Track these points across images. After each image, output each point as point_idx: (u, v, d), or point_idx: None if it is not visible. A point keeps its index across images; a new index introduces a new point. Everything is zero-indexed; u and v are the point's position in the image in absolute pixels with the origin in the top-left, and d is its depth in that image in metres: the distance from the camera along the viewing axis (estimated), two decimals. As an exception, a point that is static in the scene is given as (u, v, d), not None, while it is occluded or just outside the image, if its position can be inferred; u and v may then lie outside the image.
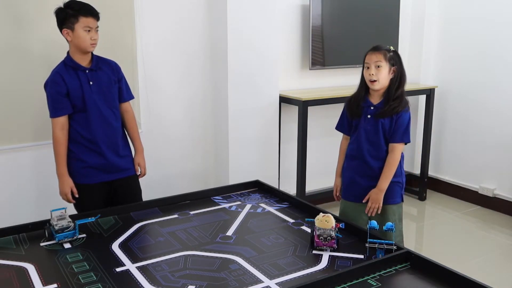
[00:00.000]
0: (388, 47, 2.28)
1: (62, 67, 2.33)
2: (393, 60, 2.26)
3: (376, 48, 2.28)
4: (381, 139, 2.28)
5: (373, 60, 2.24)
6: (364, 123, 2.31)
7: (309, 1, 3.64)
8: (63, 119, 2.33)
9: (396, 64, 2.27)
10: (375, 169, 2.30)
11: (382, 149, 2.29)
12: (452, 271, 1.51)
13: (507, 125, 3.87)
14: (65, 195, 2.38)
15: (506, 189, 3.96)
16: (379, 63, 2.23)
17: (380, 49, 2.26)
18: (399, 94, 2.26)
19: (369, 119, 2.29)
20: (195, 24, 3.35)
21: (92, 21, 2.27)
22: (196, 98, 3.46)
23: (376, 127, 2.27)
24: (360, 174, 2.34)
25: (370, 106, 2.31)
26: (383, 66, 2.23)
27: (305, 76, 3.90)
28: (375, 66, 2.23)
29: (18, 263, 1.68)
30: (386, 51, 2.25)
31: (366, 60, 2.29)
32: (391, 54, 2.26)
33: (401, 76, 2.28)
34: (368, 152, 2.30)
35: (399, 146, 2.27)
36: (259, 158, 3.53)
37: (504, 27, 3.81)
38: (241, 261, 1.68)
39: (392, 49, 2.29)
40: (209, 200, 2.31)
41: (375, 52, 2.25)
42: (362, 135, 2.31)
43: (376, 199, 2.27)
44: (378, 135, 2.27)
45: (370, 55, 2.26)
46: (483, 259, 3.25)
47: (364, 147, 2.31)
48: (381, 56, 2.23)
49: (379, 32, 4.05)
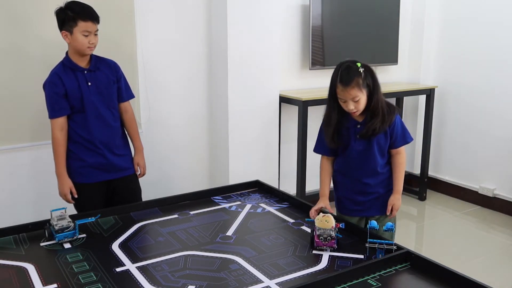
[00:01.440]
0: (357, 68, 1.96)
1: (60, 67, 2.33)
2: (367, 80, 1.97)
3: (348, 81, 1.94)
4: (376, 155, 2.08)
5: (348, 97, 1.96)
6: (355, 144, 2.08)
7: (309, 1, 3.64)
8: (62, 120, 2.33)
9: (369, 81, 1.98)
10: (374, 185, 2.13)
11: (378, 164, 2.10)
12: (452, 271, 1.51)
13: (507, 125, 3.87)
14: (64, 196, 2.38)
15: (506, 189, 3.96)
16: (356, 98, 1.96)
17: (351, 80, 1.94)
18: (376, 105, 2.01)
19: (358, 139, 2.07)
20: (195, 24, 3.35)
21: (91, 25, 2.25)
22: (196, 98, 3.46)
23: (369, 145, 2.07)
24: (356, 191, 2.16)
25: (356, 124, 2.07)
26: (360, 97, 1.96)
27: (305, 76, 3.90)
28: (352, 101, 1.97)
29: (18, 263, 1.68)
30: (358, 78, 1.95)
31: (338, 95, 1.99)
32: (363, 76, 1.96)
33: (374, 89, 1.99)
34: (364, 173, 2.11)
35: (401, 149, 2.13)
36: (259, 158, 3.53)
37: (504, 27, 3.81)
38: (241, 261, 1.68)
39: (361, 70, 1.96)
40: (209, 200, 2.31)
41: (348, 88, 1.94)
42: (354, 156, 2.10)
43: (398, 205, 2.12)
44: (372, 152, 2.08)
45: (344, 92, 1.96)
46: (483, 259, 3.25)
47: (357, 168, 2.12)
48: (356, 90, 1.94)
49: (379, 32, 4.05)
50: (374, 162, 2.10)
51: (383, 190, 2.15)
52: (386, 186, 2.15)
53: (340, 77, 1.97)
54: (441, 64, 4.33)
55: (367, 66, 2.00)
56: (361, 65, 1.98)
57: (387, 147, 2.11)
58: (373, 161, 2.09)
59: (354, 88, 1.94)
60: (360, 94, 1.96)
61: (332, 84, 2.02)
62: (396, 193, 2.13)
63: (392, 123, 2.06)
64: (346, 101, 1.99)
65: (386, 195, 2.14)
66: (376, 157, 2.09)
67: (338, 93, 1.99)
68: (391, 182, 2.15)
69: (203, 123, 3.53)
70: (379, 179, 2.13)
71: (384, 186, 2.15)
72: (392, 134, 2.08)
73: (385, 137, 2.08)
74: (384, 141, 2.08)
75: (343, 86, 1.95)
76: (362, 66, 1.98)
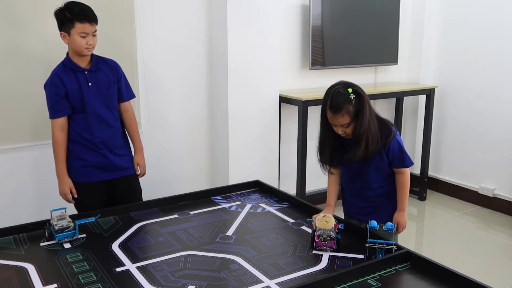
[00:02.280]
0: (348, 95, 1.92)
1: (61, 68, 2.33)
2: (357, 106, 1.92)
3: (337, 109, 1.91)
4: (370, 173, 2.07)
5: (338, 123, 1.95)
6: (351, 164, 2.07)
7: (309, 1, 3.64)
8: (62, 120, 2.33)
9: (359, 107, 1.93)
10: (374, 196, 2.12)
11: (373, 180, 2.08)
12: (452, 271, 1.51)
13: (507, 125, 3.87)
14: (64, 195, 2.38)
15: (506, 189, 3.96)
16: (345, 125, 1.94)
17: (340, 108, 1.90)
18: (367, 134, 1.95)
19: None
20: (195, 24, 3.35)
21: (88, 27, 2.24)
22: (196, 98, 3.46)
23: (365, 165, 2.05)
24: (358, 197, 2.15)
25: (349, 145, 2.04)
26: (350, 123, 1.94)
27: (305, 76, 3.90)
28: (341, 127, 1.96)
29: (18, 263, 1.68)
30: (348, 105, 1.91)
31: (329, 120, 1.97)
32: (353, 102, 1.92)
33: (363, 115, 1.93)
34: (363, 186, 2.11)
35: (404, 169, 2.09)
36: (259, 158, 3.53)
37: (504, 27, 3.81)
38: (241, 261, 1.68)
39: (352, 96, 1.92)
40: (209, 200, 2.31)
41: (337, 115, 1.92)
42: (350, 172, 2.11)
43: (403, 222, 2.11)
44: (366, 170, 2.06)
45: (333, 119, 1.94)
46: (483, 259, 3.25)
47: (355, 182, 2.12)
48: (345, 117, 1.92)
49: (379, 32, 4.05)
50: (369, 179, 2.08)
51: (386, 200, 2.13)
52: (388, 197, 2.13)
53: (330, 103, 1.93)
54: (441, 64, 4.33)
55: (358, 93, 1.94)
56: (352, 91, 1.93)
57: (386, 165, 2.06)
58: (368, 178, 2.08)
59: (343, 116, 1.92)
60: (349, 120, 1.93)
61: (323, 109, 1.99)
62: (400, 210, 2.12)
63: (387, 145, 2.01)
64: (336, 126, 1.98)
65: (389, 205, 2.13)
66: (370, 175, 2.07)
67: (328, 118, 1.97)
68: (394, 193, 2.12)
69: (203, 123, 3.53)
70: (378, 192, 2.11)
71: (386, 197, 2.13)
72: (388, 156, 2.04)
73: (380, 157, 2.04)
74: (380, 161, 2.05)
75: (332, 113, 1.93)
76: (353, 92, 1.93)
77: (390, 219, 2.11)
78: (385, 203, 2.13)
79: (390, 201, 2.13)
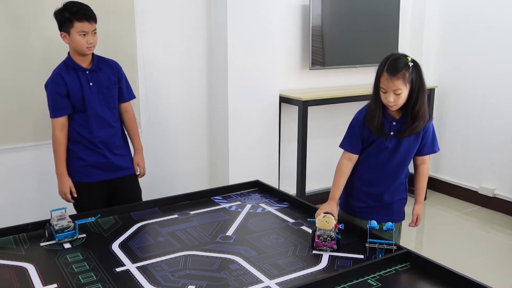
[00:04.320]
0: (406, 62, 1.90)
1: (62, 67, 2.33)
2: (413, 76, 1.90)
3: (394, 70, 1.88)
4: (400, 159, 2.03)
5: (390, 87, 1.89)
6: (385, 141, 2.01)
7: (309, 1, 3.64)
8: (63, 120, 2.34)
9: (416, 78, 1.92)
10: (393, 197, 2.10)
11: (398, 170, 2.06)
12: (452, 271, 1.51)
13: (507, 125, 3.87)
14: (64, 195, 2.39)
15: (506, 189, 3.96)
16: (398, 91, 1.89)
17: (398, 71, 1.87)
18: (420, 108, 1.94)
19: (391, 136, 2.00)
20: (195, 24, 3.35)
21: (88, 26, 2.24)
22: (196, 98, 3.46)
23: (398, 145, 2.01)
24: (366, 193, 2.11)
25: (392, 121, 1.99)
26: (402, 91, 1.89)
27: (305, 76, 3.90)
28: (393, 93, 1.90)
29: (18, 263, 1.68)
30: (405, 71, 1.88)
31: (381, 84, 1.92)
32: (411, 71, 1.89)
33: (419, 88, 1.93)
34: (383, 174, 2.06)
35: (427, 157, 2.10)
36: (259, 158, 3.53)
37: (504, 27, 3.81)
38: (241, 261, 1.68)
39: (411, 64, 1.90)
40: (209, 200, 2.31)
41: (393, 77, 1.88)
42: (380, 153, 2.04)
43: (421, 215, 2.16)
44: (398, 153, 2.02)
45: (387, 81, 1.89)
46: (483, 259, 3.25)
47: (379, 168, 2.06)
48: (400, 82, 1.88)
49: (379, 32, 4.05)
50: (402, 161, 2.04)
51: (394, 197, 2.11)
52: (397, 194, 2.12)
53: (388, 66, 1.90)
54: (441, 64, 4.33)
55: (417, 63, 1.93)
56: (411, 60, 1.92)
57: (415, 150, 2.05)
58: (401, 160, 2.04)
59: (399, 80, 1.88)
60: (403, 87, 1.89)
61: (378, 73, 1.94)
62: (419, 203, 2.16)
63: (426, 127, 2.02)
64: (387, 92, 1.91)
65: (393, 205, 2.11)
66: (405, 156, 2.03)
67: (381, 82, 1.92)
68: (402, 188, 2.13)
69: (203, 123, 3.53)
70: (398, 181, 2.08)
71: (396, 193, 2.11)
72: (423, 138, 2.03)
73: (416, 139, 2.02)
74: (414, 142, 2.02)
75: (389, 75, 1.89)
76: (412, 61, 1.92)
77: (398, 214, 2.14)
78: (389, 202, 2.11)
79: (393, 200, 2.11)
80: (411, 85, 1.91)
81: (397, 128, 1.99)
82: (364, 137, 2.04)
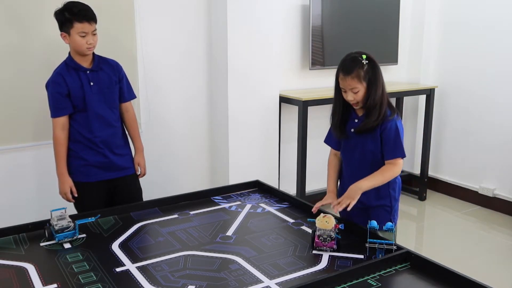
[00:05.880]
0: (361, 60, 1.94)
1: (63, 67, 2.34)
2: (369, 73, 1.94)
3: (348, 70, 1.94)
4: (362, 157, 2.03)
5: (347, 86, 1.95)
6: (348, 139, 2.07)
7: (309, 1, 3.64)
8: (64, 119, 2.34)
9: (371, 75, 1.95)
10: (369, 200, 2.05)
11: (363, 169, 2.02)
12: (452, 271, 1.51)
13: (507, 125, 3.87)
14: (64, 194, 2.39)
15: (506, 189, 3.96)
16: (354, 89, 1.94)
17: (352, 70, 1.92)
18: (372, 103, 1.95)
19: (351, 133, 2.05)
20: (195, 24, 3.35)
21: (87, 26, 2.24)
22: (196, 98, 3.46)
23: (357, 143, 2.03)
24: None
25: (354, 119, 2.06)
26: (359, 89, 1.94)
27: (305, 76, 3.90)
28: (351, 92, 1.95)
29: (18, 263, 1.68)
30: (359, 69, 1.93)
31: (340, 84, 1.99)
32: (365, 68, 1.94)
33: (374, 83, 1.95)
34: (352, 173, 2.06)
35: (396, 161, 1.99)
36: (259, 158, 3.53)
37: (504, 26, 3.81)
38: (241, 261, 1.68)
39: (365, 62, 1.94)
40: (209, 200, 2.31)
41: (347, 77, 1.93)
42: (346, 152, 2.10)
43: (349, 195, 1.93)
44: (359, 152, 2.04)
45: (343, 81, 1.96)
46: (483, 259, 3.25)
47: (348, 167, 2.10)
48: (355, 81, 1.93)
49: (379, 32, 4.05)
50: (364, 160, 2.03)
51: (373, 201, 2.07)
52: (376, 198, 2.07)
53: (342, 66, 1.98)
54: (441, 64, 4.33)
55: (372, 60, 1.97)
56: (366, 58, 1.96)
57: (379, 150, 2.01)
58: (363, 158, 2.04)
59: (353, 79, 1.93)
60: (359, 85, 1.94)
61: (337, 72, 2.01)
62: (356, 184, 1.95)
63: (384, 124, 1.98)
64: (346, 91, 1.98)
65: (375, 209, 2.08)
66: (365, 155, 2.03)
67: (339, 82, 1.99)
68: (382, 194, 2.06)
69: (203, 123, 3.53)
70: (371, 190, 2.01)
71: (373, 197, 2.07)
72: (382, 139, 1.99)
73: (373, 138, 2.00)
74: (372, 141, 2.00)
75: (343, 74, 1.96)
76: (367, 58, 1.96)
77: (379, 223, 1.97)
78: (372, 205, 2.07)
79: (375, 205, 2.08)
80: (367, 83, 1.95)
81: (357, 125, 2.04)
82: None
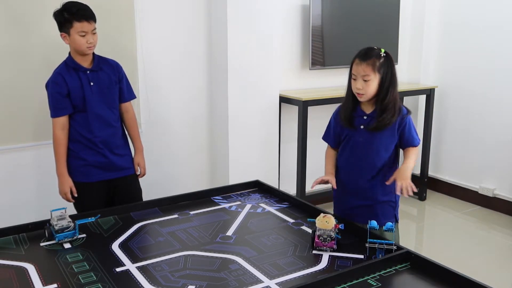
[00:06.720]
0: (379, 52, 1.97)
1: (63, 67, 2.34)
2: (384, 67, 1.96)
3: (365, 56, 1.96)
4: (374, 153, 2.02)
5: (360, 72, 1.95)
6: (357, 135, 2.05)
7: (309, 1, 3.64)
8: (64, 119, 2.34)
9: (387, 70, 1.97)
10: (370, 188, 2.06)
11: (380, 158, 2.03)
12: (452, 271, 1.51)
13: (507, 125, 3.87)
14: (64, 194, 2.39)
15: (506, 189, 3.96)
16: (366, 77, 1.94)
17: (368, 57, 1.95)
18: (390, 102, 1.97)
19: (361, 130, 2.03)
20: (195, 24, 3.35)
21: (87, 25, 2.24)
22: (196, 98, 3.46)
23: (370, 139, 2.02)
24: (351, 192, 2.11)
25: (362, 115, 2.04)
26: (371, 78, 1.94)
27: (305, 76, 3.90)
28: (362, 79, 1.95)
29: (18, 263, 1.68)
30: (376, 59, 1.95)
31: (353, 70, 2.00)
32: (382, 61, 1.95)
33: (390, 80, 1.97)
34: (360, 170, 2.06)
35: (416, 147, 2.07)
36: (259, 158, 3.53)
37: (504, 26, 3.81)
38: (241, 261, 1.68)
39: (383, 54, 1.97)
40: (209, 200, 2.31)
41: (363, 62, 1.95)
42: (353, 148, 2.07)
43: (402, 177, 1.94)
44: (371, 148, 2.02)
45: (357, 66, 1.97)
46: (483, 259, 3.25)
47: (355, 164, 2.07)
48: (369, 68, 1.93)
49: (379, 32, 4.05)
50: (376, 156, 2.03)
51: (380, 197, 2.07)
52: (383, 194, 2.07)
53: (360, 52, 2.00)
54: (441, 64, 4.33)
55: (389, 56, 1.99)
56: (384, 52, 1.99)
57: (393, 145, 2.04)
58: (370, 158, 2.03)
59: (368, 66, 1.94)
60: (372, 75, 1.94)
61: (352, 60, 2.02)
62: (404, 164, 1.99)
63: (404, 122, 2.01)
64: (356, 79, 1.98)
65: (382, 205, 2.08)
66: (374, 153, 2.03)
67: (353, 69, 1.99)
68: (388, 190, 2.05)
69: (203, 123, 3.53)
70: (377, 179, 2.04)
71: (380, 193, 2.06)
72: (403, 135, 2.03)
73: (391, 135, 2.02)
74: (389, 138, 2.02)
75: (359, 60, 1.97)
76: (385, 52, 1.98)
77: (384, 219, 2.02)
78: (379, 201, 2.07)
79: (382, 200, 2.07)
80: (381, 76, 1.96)
81: (367, 122, 2.03)
82: (339, 132, 2.13)
